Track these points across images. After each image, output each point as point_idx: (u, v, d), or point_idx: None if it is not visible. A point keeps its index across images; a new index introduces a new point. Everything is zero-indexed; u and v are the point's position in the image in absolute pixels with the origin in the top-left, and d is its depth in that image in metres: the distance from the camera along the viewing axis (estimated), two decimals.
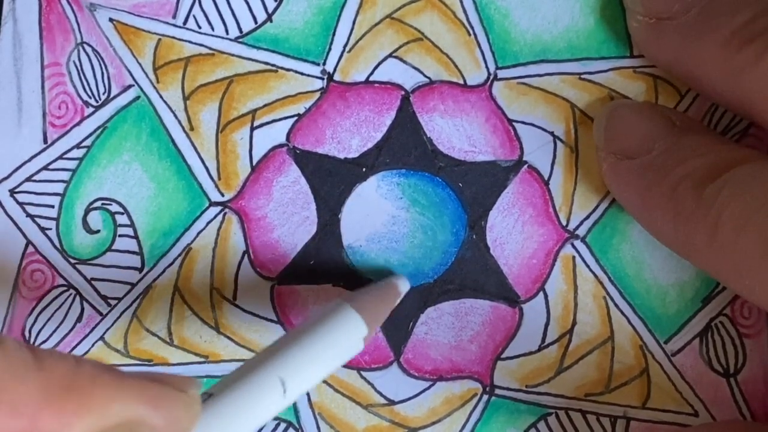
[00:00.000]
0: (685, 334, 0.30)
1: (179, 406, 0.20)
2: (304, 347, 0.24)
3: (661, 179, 0.26)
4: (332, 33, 0.30)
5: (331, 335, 0.25)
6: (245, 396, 0.22)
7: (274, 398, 0.23)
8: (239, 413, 0.22)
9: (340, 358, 0.25)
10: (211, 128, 0.30)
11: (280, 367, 0.23)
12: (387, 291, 0.28)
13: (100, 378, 0.19)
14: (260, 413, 0.22)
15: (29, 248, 0.31)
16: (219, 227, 0.31)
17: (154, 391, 0.20)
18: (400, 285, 0.29)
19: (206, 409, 0.21)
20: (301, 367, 0.24)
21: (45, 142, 0.31)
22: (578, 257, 0.30)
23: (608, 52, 0.29)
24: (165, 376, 0.21)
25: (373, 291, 0.28)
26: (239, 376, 0.23)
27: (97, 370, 0.19)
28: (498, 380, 0.30)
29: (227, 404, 0.22)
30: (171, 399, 0.20)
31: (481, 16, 0.29)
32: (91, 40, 0.30)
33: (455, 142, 0.30)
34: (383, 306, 0.28)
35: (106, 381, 0.19)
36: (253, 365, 0.23)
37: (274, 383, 0.23)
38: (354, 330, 0.26)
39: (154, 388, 0.20)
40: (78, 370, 0.19)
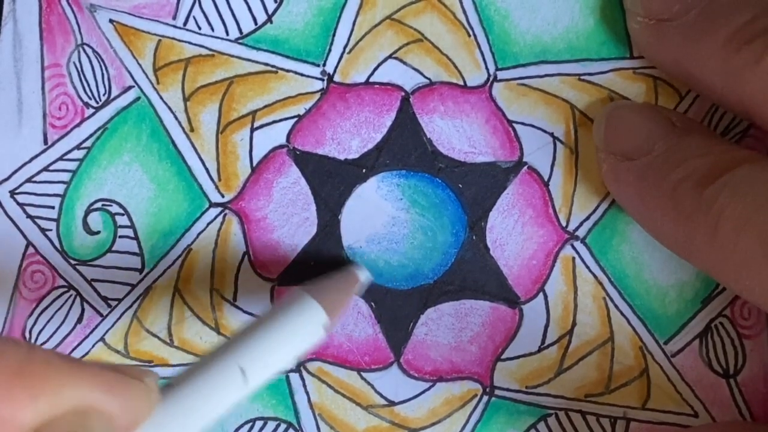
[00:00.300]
0: (685, 335, 0.30)
1: (135, 393, 0.20)
2: (263, 335, 0.24)
3: (661, 180, 0.26)
4: (332, 34, 0.30)
5: (289, 323, 0.25)
6: (205, 384, 0.22)
7: (234, 386, 0.23)
8: (199, 401, 0.22)
9: (300, 346, 0.25)
10: (211, 129, 0.30)
11: (240, 355, 0.23)
12: (346, 279, 0.28)
13: (52, 364, 0.19)
14: (220, 401, 0.23)
15: (29, 249, 0.31)
16: (219, 228, 0.31)
17: (108, 378, 0.20)
18: (360, 274, 0.29)
19: (165, 398, 0.21)
20: (260, 355, 0.24)
21: (45, 143, 0.31)
22: (578, 258, 0.30)
23: (608, 53, 0.29)
24: (121, 366, 0.21)
25: (333, 279, 0.28)
26: (199, 365, 0.23)
27: (49, 357, 0.19)
28: (498, 381, 0.30)
29: (187, 393, 0.22)
30: (127, 386, 0.20)
31: (481, 17, 0.29)
32: (91, 41, 0.30)
33: (455, 143, 0.30)
34: (342, 294, 0.28)
35: (59, 367, 0.19)
36: (213, 355, 0.23)
37: (233, 371, 0.23)
38: (313, 317, 0.26)
39: (109, 375, 0.20)
40: (30, 357, 0.19)
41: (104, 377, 0.20)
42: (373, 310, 0.30)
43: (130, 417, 0.20)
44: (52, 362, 0.19)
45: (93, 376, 0.19)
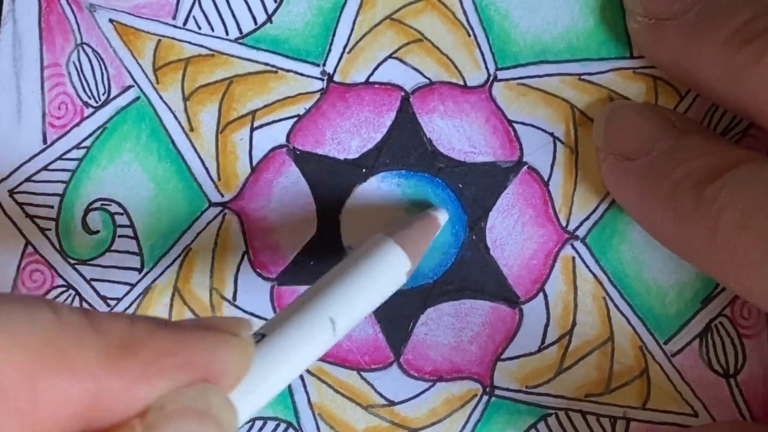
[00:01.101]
0: (685, 335, 0.30)
1: (234, 351, 0.20)
2: (350, 284, 0.24)
3: (660, 180, 0.26)
4: (332, 34, 0.30)
5: (375, 271, 0.25)
6: (297, 336, 0.22)
7: (324, 337, 0.23)
8: (291, 353, 0.22)
9: (386, 293, 0.25)
10: (210, 129, 0.30)
11: (329, 305, 0.23)
12: (427, 223, 0.28)
13: (155, 334, 0.19)
14: (311, 353, 0.23)
15: (28, 248, 0.31)
16: (219, 228, 0.31)
17: (210, 341, 0.20)
18: (440, 217, 0.29)
19: (259, 351, 0.21)
20: (349, 305, 0.24)
21: (44, 143, 0.31)
22: (578, 258, 0.30)
23: (608, 53, 0.29)
24: (217, 321, 0.21)
25: (413, 223, 0.28)
26: (289, 315, 0.23)
27: (152, 326, 0.19)
28: (498, 381, 0.30)
29: (279, 345, 0.22)
30: (226, 346, 0.20)
31: (481, 17, 0.29)
32: (90, 41, 0.30)
33: (455, 143, 0.30)
34: (423, 239, 0.27)
35: (162, 336, 0.19)
36: (302, 304, 0.23)
37: (324, 322, 0.23)
38: (397, 264, 0.25)
39: (211, 338, 0.20)
40: (133, 329, 0.19)
41: (206, 341, 0.20)
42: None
43: (231, 375, 0.20)
44: (155, 333, 0.19)
45: (196, 342, 0.19)
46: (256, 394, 0.21)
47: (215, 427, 0.19)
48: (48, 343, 0.17)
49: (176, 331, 0.19)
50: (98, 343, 0.18)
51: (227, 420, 0.19)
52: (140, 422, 0.18)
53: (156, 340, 0.19)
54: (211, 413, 0.19)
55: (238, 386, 0.20)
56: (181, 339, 0.19)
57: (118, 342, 0.18)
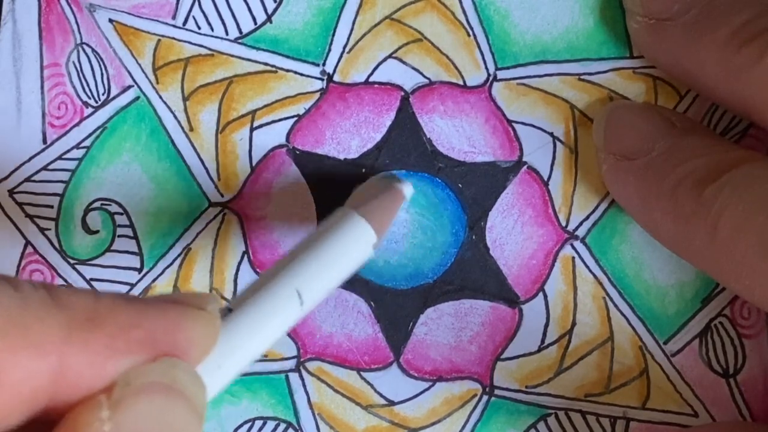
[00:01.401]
0: (685, 335, 0.30)
1: (199, 325, 0.20)
2: (316, 257, 0.24)
3: (660, 180, 0.26)
4: (332, 34, 0.30)
5: (341, 243, 0.25)
6: (263, 309, 0.22)
7: (291, 309, 0.23)
8: (259, 326, 0.22)
9: (352, 266, 0.25)
10: (210, 129, 0.30)
11: (295, 277, 0.23)
12: (392, 196, 0.28)
13: (119, 308, 0.19)
14: (279, 325, 0.22)
15: (28, 249, 0.31)
16: (218, 228, 0.31)
17: (175, 314, 0.19)
18: (404, 189, 0.29)
19: (226, 325, 0.21)
20: (315, 278, 0.24)
21: (44, 143, 0.31)
22: (578, 258, 0.30)
23: (608, 53, 0.29)
24: (183, 295, 0.21)
25: (378, 197, 0.28)
26: (256, 289, 0.23)
27: (116, 301, 0.19)
28: (498, 381, 0.30)
29: (247, 318, 0.22)
30: (191, 319, 0.20)
31: (480, 17, 0.29)
32: (90, 41, 0.30)
33: (455, 143, 0.30)
34: (389, 211, 0.27)
35: (126, 310, 0.19)
36: (268, 278, 0.23)
37: (290, 294, 0.23)
38: (363, 237, 0.25)
39: (176, 311, 0.20)
40: (97, 303, 0.19)
41: (171, 314, 0.19)
42: (372, 310, 0.30)
43: (197, 350, 0.20)
44: (118, 306, 0.19)
45: (161, 315, 0.19)
46: (224, 368, 0.21)
47: (182, 401, 0.18)
48: (9, 319, 0.17)
49: (141, 305, 0.19)
50: (61, 318, 0.18)
51: (195, 394, 0.19)
52: (106, 397, 0.18)
53: (120, 314, 0.19)
54: (178, 388, 0.18)
55: (206, 361, 0.20)
56: (146, 313, 0.19)
57: (82, 316, 0.18)
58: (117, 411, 0.17)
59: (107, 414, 0.17)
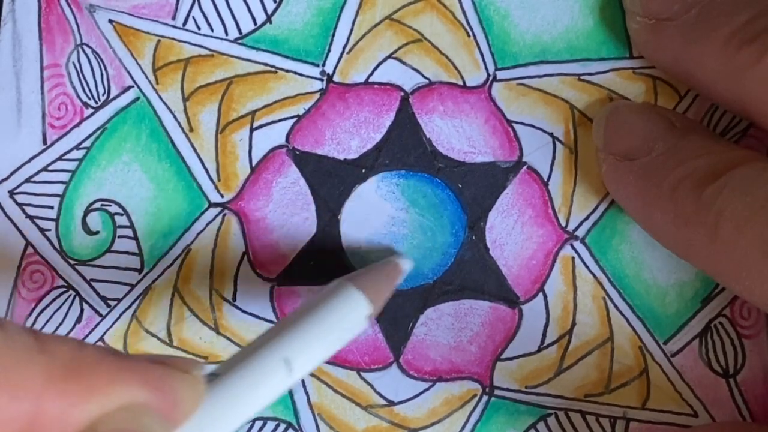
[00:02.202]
0: (685, 335, 0.30)
1: (183, 386, 0.20)
2: (307, 326, 0.24)
3: (660, 180, 0.26)
4: (331, 34, 0.30)
5: (334, 314, 0.25)
6: (250, 376, 0.22)
7: (278, 378, 0.23)
8: (244, 393, 0.22)
9: (345, 337, 0.25)
10: (210, 129, 0.30)
11: (284, 346, 0.23)
12: (389, 269, 0.28)
13: (103, 361, 0.19)
14: (265, 393, 0.22)
15: (28, 249, 0.31)
16: (218, 228, 0.31)
17: (157, 373, 0.19)
18: (402, 263, 0.29)
19: (211, 390, 0.21)
20: (305, 347, 0.24)
21: (44, 143, 0.31)
22: (577, 258, 0.30)
23: (608, 53, 0.29)
24: (168, 358, 0.21)
25: (375, 269, 0.28)
26: (243, 356, 0.23)
27: (99, 354, 0.19)
28: (497, 381, 0.30)
29: (232, 385, 0.22)
30: (174, 380, 0.20)
31: (480, 17, 0.29)
32: (90, 42, 0.30)
33: (455, 143, 0.30)
34: (385, 284, 0.27)
35: (109, 364, 0.19)
36: (257, 345, 0.23)
37: (278, 363, 0.23)
38: (357, 308, 0.25)
39: (158, 370, 0.20)
40: (81, 354, 0.19)
41: (153, 373, 0.19)
42: None
43: (179, 412, 0.20)
44: (102, 359, 0.19)
45: (143, 372, 0.19)
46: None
47: None
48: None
49: (125, 360, 0.19)
50: (43, 364, 0.18)
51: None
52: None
53: (102, 366, 0.19)
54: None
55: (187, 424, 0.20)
56: (128, 368, 0.19)
57: (64, 364, 0.18)
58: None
59: None
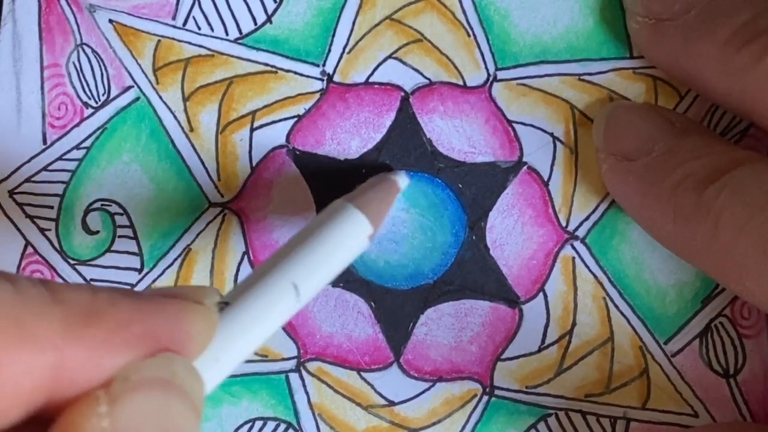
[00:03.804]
0: (685, 335, 0.30)
1: (197, 318, 0.20)
2: (312, 250, 0.24)
3: (660, 181, 0.26)
4: (332, 34, 0.30)
5: (337, 236, 0.25)
6: (260, 302, 0.22)
7: (288, 302, 0.23)
8: (256, 320, 0.22)
9: (348, 258, 0.25)
10: (210, 129, 0.30)
11: (292, 271, 0.23)
12: (386, 188, 0.28)
13: (117, 303, 0.19)
14: (276, 318, 0.23)
15: (28, 249, 0.31)
16: (219, 228, 0.31)
17: (173, 309, 0.19)
18: (399, 181, 0.29)
19: (223, 318, 0.21)
20: (311, 270, 0.24)
21: (44, 143, 0.31)
22: (578, 258, 0.30)
23: (608, 53, 0.29)
24: (181, 289, 0.21)
25: (372, 188, 0.28)
26: (252, 283, 0.23)
27: (114, 296, 0.19)
28: (498, 381, 0.30)
29: (244, 312, 0.22)
30: (189, 313, 0.20)
31: (480, 17, 0.29)
32: (90, 41, 0.30)
33: (455, 143, 0.30)
34: (384, 203, 0.27)
35: (125, 305, 0.19)
36: (265, 271, 0.23)
37: (287, 287, 0.23)
38: (358, 228, 0.25)
39: (172, 305, 0.20)
40: (95, 299, 0.18)
41: (169, 309, 0.19)
42: (373, 310, 0.30)
43: (195, 343, 0.20)
44: (117, 301, 0.19)
45: (158, 310, 0.19)
46: (221, 362, 0.21)
47: (181, 396, 0.18)
48: (7, 316, 0.17)
49: (139, 299, 0.19)
50: (59, 313, 0.18)
51: (193, 389, 0.19)
52: (104, 393, 0.18)
53: (118, 309, 0.19)
54: (176, 383, 0.18)
55: (203, 354, 0.20)
56: (143, 307, 0.19)
57: (79, 311, 0.18)
58: (115, 406, 0.17)
59: (105, 409, 0.17)
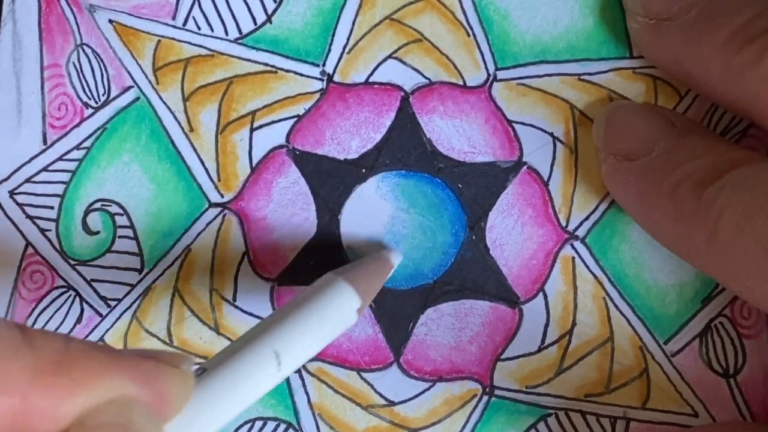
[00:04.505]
0: (685, 335, 0.30)
1: (172, 381, 0.20)
2: (297, 320, 0.24)
3: (660, 181, 0.26)
4: (332, 34, 0.30)
5: (324, 308, 0.25)
6: (239, 370, 0.22)
7: (268, 372, 0.23)
8: (233, 387, 0.22)
9: (334, 331, 0.25)
10: (210, 129, 0.30)
11: (274, 340, 0.23)
12: (378, 263, 0.28)
13: (90, 355, 0.19)
14: (255, 387, 0.22)
15: (29, 249, 0.31)
16: (218, 228, 0.31)
17: (146, 367, 0.19)
18: (392, 257, 0.29)
19: (200, 384, 0.21)
20: (295, 340, 0.23)
21: (44, 144, 0.31)
22: (578, 258, 0.30)
23: (608, 53, 0.29)
24: (157, 352, 0.21)
25: (365, 263, 0.28)
26: (233, 350, 0.22)
27: (87, 348, 0.19)
28: (498, 381, 0.30)
29: (221, 379, 0.22)
30: (164, 374, 0.20)
31: (480, 17, 0.29)
32: (90, 42, 0.30)
33: (455, 143, 0.30)
34: (375, 278, 0.28)
35: (97, 358, 0.19)
36: (247, 339, 0.23)
37: (268, 357, 0.23)
38: (347, 302, 0.25)
39: (146, 364, 0.19)
40: (68, 348, 0.18)
41: (142, 367, 0.19)
42: (373, 310, 0.30)
43: (168, 406, 0.20)
44: (90, 353, 0.19)
45: (131, 367, 0.19)
46: (196, 426, 0.21)
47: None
48: None
49: (113, 354, 0.19)
50: (30, 359, 0.18)
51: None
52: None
53: (90, 360, 0.19)
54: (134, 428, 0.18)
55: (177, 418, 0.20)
56: (116, 362, 0.19)
57: (51, 358, 0.18)
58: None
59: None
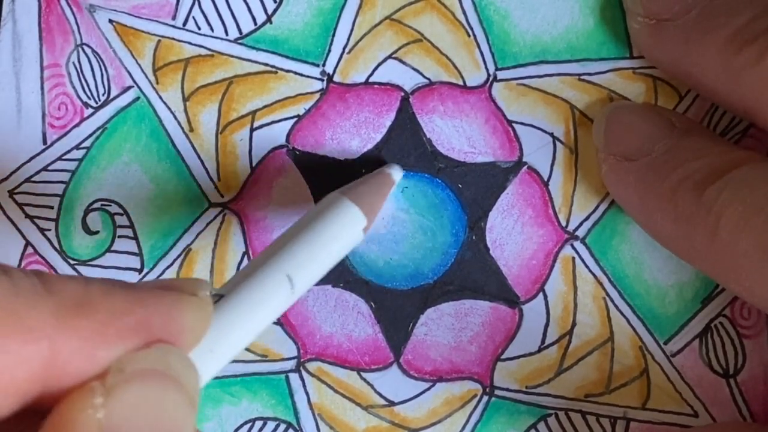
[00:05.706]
0: (685, 335, 0.30)
1: (192, 311, 0.20)
2: (306, 242, 0.24)
3: (660, 181, 0.26)
4: (332, 34, 0.30)
5: (331, 228, 0.25)
6: (255, 295, 0.22)
7: (282, 294, 0.23)
8: (250, 312, 0.22)
9: (342, 250, 0.25)
10: (210, 129, 0.30)
11: (286, 263, 0.23)
12: (381, 180, 0.28)
13: (111, 294, 0.19)
14: (270, 311, 0.23)
15: (28, 249, 0.31)
16: (218, 228, 0.31)
17: (167, 301, 0.19)
18: (393, 173, 0.29)
19: (218, 311, 0.21)
20: (305, 262, 0.24)
21: (44, 143, 0.31)
22: (578, 258, 0.30)
23: (608, 53, 0.29)
24: (175, 281, 0.21)
25: (367, 181, 0.28)
26: (246, 275, 0.23)
27: (107, 287, 0.19)
28: (498, 381, 0.30)
29: (238, 304, 0.22)
30: (184, 305, 0.20)
31: (480, 17, 0.29)
32: (90, 42, 0.30)
33: (455, 143, 0.30)
34: (378, 195, 0.28)
35: (118, 296, 0.19)
36: (259, 263, 0.23)
37: (281, 279, 0.23)
38: (353, 221, 0.26)
39: (168, 297, 0.19)
40: (88, 289, 0.18)
41: (165, 301, 0.19)
42: (373, 310, 0.30)
43: (191, 335, 0.20)
44: (111, 293, 0.19)
45: (155, 302, 0.19)
46: (216, 354, 0.21)
47: (176, 388, 0.18)
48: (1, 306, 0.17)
49: (133, 291, 0.19)
50: (52, 304, 0.18)
51: (188, 380, 0.19)
52: (100, 384, 0.18)
53: (111, 299, 0.19)
54: (172, 374, 0.18)
55: (198, 346, 0.20)
56: (137, 299, 0.19)
57: (72, 302, 0.18)
58: (110, 397, 0.17)
59: (100, 401, 0.17)
